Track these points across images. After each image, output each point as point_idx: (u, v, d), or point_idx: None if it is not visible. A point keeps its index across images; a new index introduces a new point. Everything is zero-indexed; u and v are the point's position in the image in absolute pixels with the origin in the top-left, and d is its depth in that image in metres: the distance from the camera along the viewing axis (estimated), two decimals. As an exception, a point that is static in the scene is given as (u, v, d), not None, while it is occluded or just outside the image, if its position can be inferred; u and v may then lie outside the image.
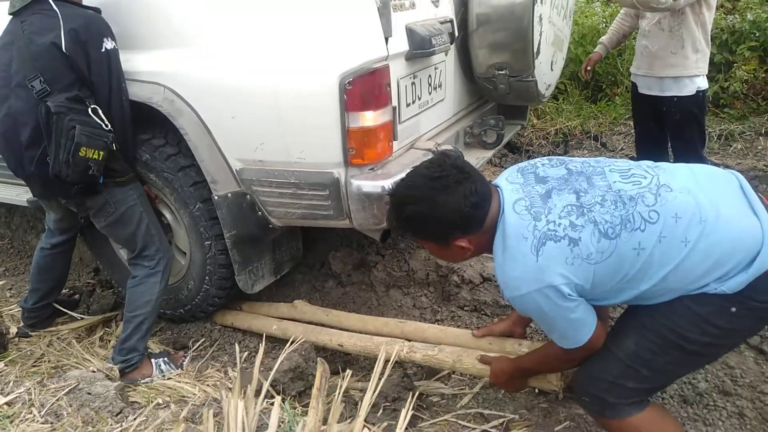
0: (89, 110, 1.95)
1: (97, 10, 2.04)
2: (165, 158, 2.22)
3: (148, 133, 2.24)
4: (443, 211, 1.39)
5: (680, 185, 1.36)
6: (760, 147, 4.20)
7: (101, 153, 1.94)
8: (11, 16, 2.01)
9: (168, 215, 2.42)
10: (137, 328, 2.20)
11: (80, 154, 1.89)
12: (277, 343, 2.42)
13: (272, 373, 1.84)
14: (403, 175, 1.53)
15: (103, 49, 1.95)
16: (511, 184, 1.46)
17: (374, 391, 1.48)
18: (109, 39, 1.98)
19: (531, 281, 1.34)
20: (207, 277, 2.39)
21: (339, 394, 1.47)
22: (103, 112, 1.98)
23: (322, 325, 2.37)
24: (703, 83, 2.93)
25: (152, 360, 2.27)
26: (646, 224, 1.32)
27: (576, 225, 1.33)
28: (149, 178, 2.28)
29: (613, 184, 1.39)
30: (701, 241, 1.30)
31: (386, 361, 1.71)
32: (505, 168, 4.68)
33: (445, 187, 1.38)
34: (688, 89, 2.91)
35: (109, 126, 1.99)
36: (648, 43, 2.96)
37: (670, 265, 1.32)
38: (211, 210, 2.21)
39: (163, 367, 2.27)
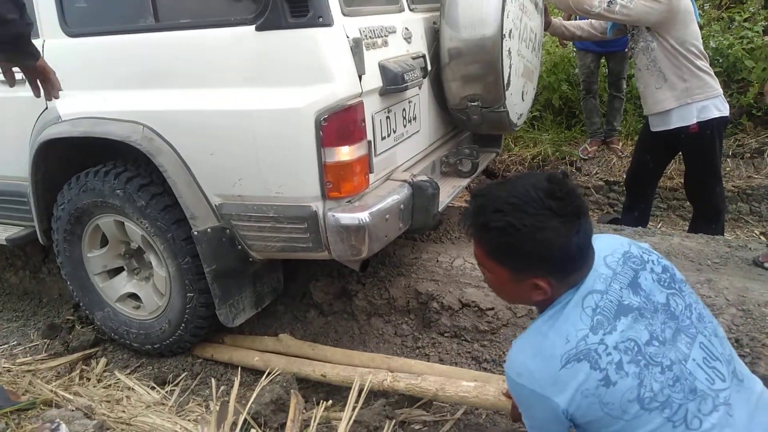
0: None
1: None
2: (161, 208, 2.22)
3: (146, 179, 2.23)
4: (547, 237, 1.10)
5: (740, 418, 1.13)
6: (728, 168, 4.34)
7: None
8: None
9: (153, 258, 2.41)
10: None
11: None
12: (259, 376, 2.42)
13: (248, 404, 1.85)
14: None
15: None
16: (605, 268, 1.21)
17: (349, 420, 1.50)
18: None
19: (537, 381, 1.14)
20: (183, 325, 2.42)
21: (314, 423, 1.49)
22: None
23: (308, 359, 2.38)
24: (708, 111, 2.85)
25: None
26: (683, 425, 1.10)
27: (623, 369, 1.10)
28: (143, 225, 2.27)
29: (690, 361, 1.14)
30: None
31: (361, 390, 1.72)
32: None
33: (563, 212, 1.11)
34: (688, 118, 2.86)
35: None
36: (638, 85, 3.10)
37: None
38: (199, 266, 2.20)
39: None
